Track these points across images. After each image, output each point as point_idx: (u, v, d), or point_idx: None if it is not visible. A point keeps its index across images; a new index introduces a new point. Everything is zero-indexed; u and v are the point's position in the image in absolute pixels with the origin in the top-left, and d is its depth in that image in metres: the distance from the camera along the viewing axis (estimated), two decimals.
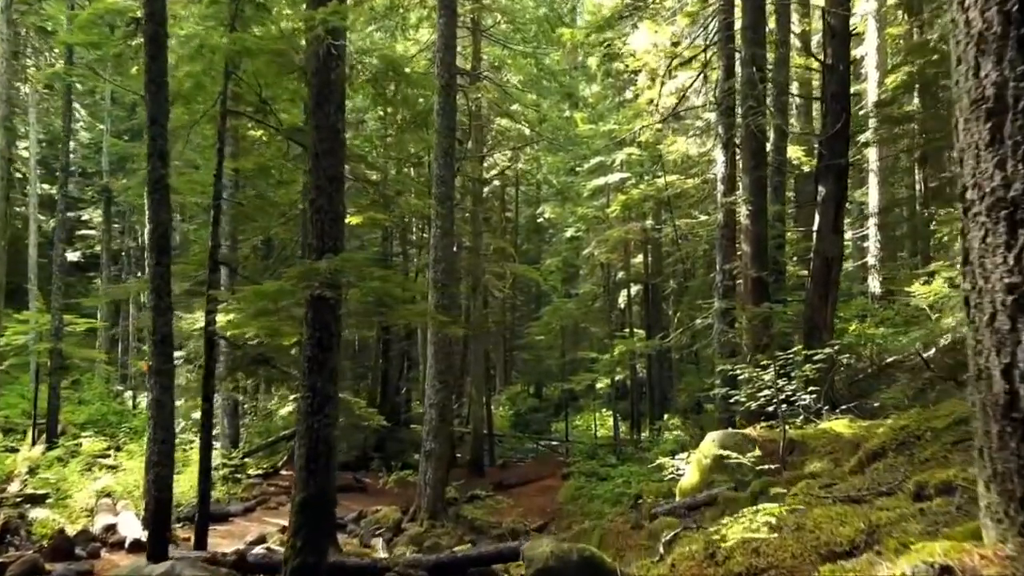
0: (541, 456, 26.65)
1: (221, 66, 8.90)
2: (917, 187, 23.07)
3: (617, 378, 25.56)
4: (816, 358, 8.19)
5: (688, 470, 8.75)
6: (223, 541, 11.79)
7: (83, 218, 32.74)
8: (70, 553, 9.84)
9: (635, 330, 27.29)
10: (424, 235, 24.28)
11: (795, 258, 18.61)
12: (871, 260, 21.80)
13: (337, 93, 6.94)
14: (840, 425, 8.28)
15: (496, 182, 29.50)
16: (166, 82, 8.24)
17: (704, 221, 20.32)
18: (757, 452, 8.06)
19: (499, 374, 39.55)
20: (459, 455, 23.74)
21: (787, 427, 8.41)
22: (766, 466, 7.86)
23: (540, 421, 31.63)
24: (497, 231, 30.88)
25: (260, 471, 17.30)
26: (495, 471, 21.55)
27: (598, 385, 26.47)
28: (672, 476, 9.52)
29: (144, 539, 10.86)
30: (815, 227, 12.23)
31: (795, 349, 7.99)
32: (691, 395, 18.21)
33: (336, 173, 6.90)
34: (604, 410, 29.84)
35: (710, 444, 8.41)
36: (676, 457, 9.62)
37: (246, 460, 18.46)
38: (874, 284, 22.56)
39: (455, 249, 22.18)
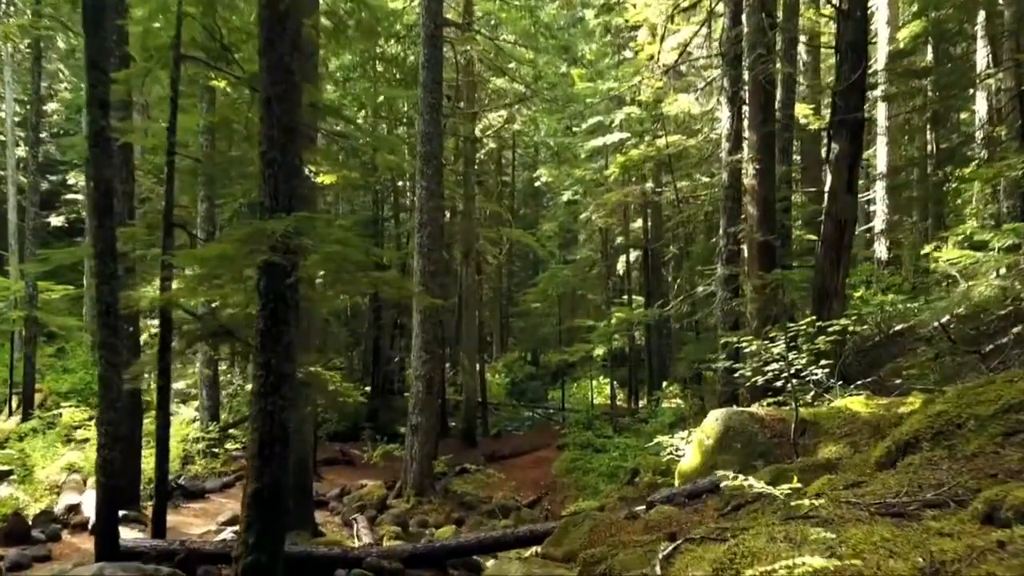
0: (537, 425, 26.10)
1: (174, 5, 7.98)
2: (929, 148, 22.12)
3: (615, 344, 24.85)
4: (831, 329, 7.41)
5: (688, 451, 8.03)
6: (196, 521, 11.16)
7: (68, 182, 31.73)
8: (26, 536, 9.18)
9: (634, 297, 26.57)
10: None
11: (799, 222, 17.77)
12: (879, 224, 20.95)
13: (291, 29, 6.06)
14: (856, 403, 7.54)
15: (492, 144, 28.52)
16: (106, 20, 7.34)
17: (707, 183, 19.45)
18: (765, 433, 7.35)
19: (496, 341, 38.94)
20: (453, 424, 23.19)
21: (798, 405, 7.68)
22: (777, 449, 7.15)
23: (536, 389, 31.04)
24: (493, 195, 30.03)
25: (242, 444, 16.64)
26: (488, 442, 20.98)
27: (596, 352, 25.80)
28: (671, 456, 8.82)
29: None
30: (827, 187, 11.38)
31: (808, 320, 7.21)
32: (691, 365, 17.52)
33: (291, 122, 6.05)
34: (602, 378, 29.20)
35: (713, 423, 7.68)
36: (675, 435, 8.90)
37: (230, 431, 17.85)
38: (881, 249, 21.74)
39: (445, 213, 21.36)
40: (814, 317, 7.62)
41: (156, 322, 11.37)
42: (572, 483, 15.60)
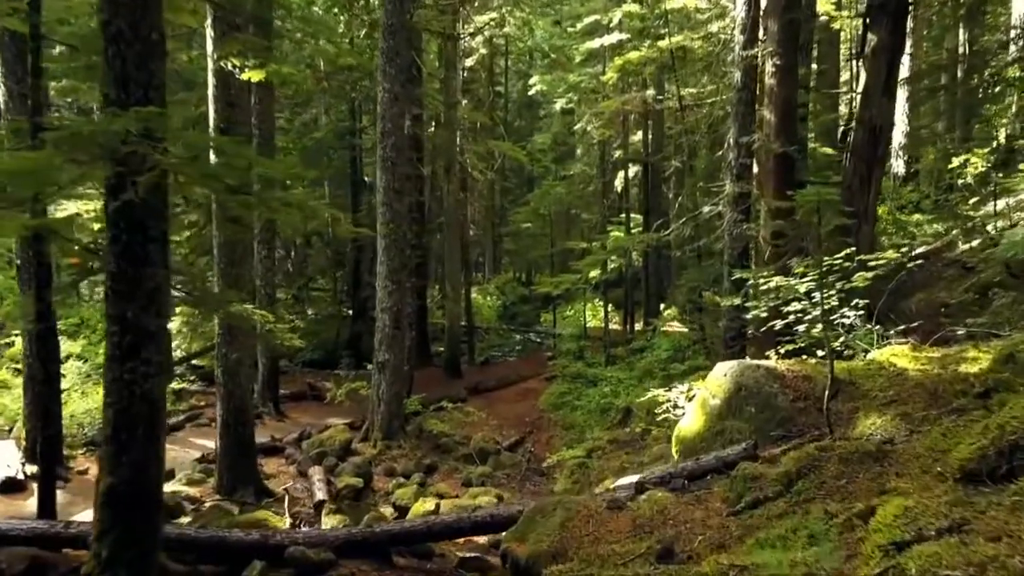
0: (527, 350, 24.87)
1: None
2: (961, 49, 19.93)
3: (611, 267, 23.28)
4: (875, 264, 5.81)
5: (690, 410, 6.59)
6: None
7: None
8: None
9: (632, 215, 24.82)
10: None
11: (813, 134, 15.90)
12: (898, 137, 19.04)
13: None
14: (900, 355, 6.04)
15: (482, 51, 26.18)
16: None
17: (713, 90, 17.43)
18: (786, 394, 5.87)
19: (488, 262, 37.45)
20: (442, 350, 21.88)
21: (833, 360, 6.20)
22: (802, 417, 5.69)
23: (528, 313, 29.69)
24: (485, 105, 27.85)
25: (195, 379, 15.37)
26: (474, 371, 19.71)
27: (591, 274, 24.27)
28: (666, 413, 7.39)
29: (21, 476, 8.93)
30: (860, 87, 9.59)
31: (847, 251, 5.63)
32: (691, 292, 16.04)
33: None
34: (596, 300, 27.81)
35: (720, 379, 6.21)
36: (673, 388, 7.43)
37: (193, 361, 16.53)
38: (899, 164, 19.92)
39: (429, 124, 19.35)
40: (852, 248, 6.01)
41: None
42: (559, 420, 14.37)
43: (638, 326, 22.70)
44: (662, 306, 23.80)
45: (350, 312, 24.15)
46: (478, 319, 27.28)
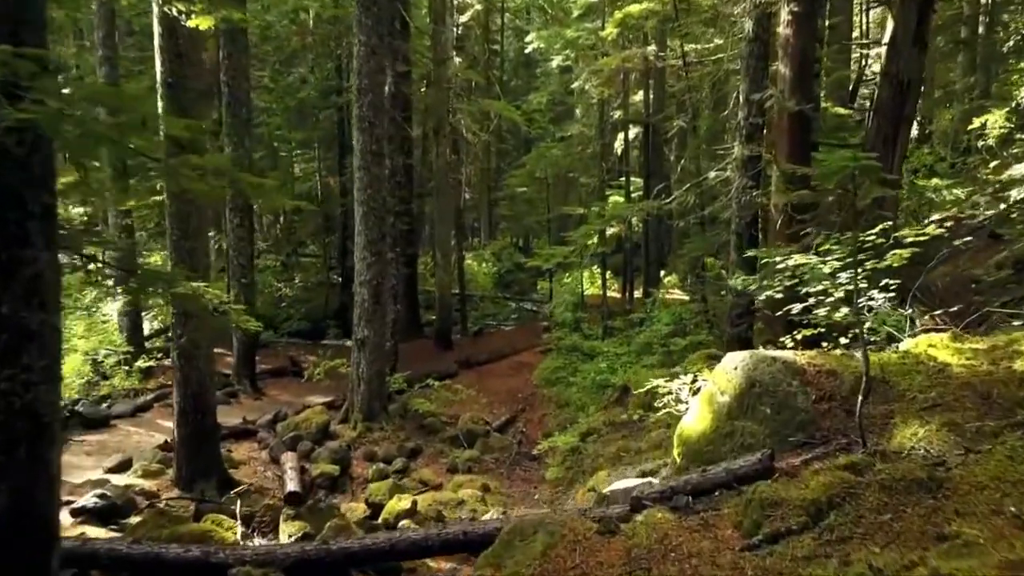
0: (524, 318, 24.10)
1: None
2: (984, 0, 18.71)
3: (610, 233, 22.36)
4: (908, 240, 4.95)
5: (694, 406, 5.78)
6: (85, 462, 9.12)
7: None
8: None
9: (632, 179, 23.82)
10: None
11: (824, 92, 14.86)
12: None
13: None
14: (939, 346, 5.21)
15: (477, 6, 24.92)
16: None
17: (719, 45, 16.32)
18: (807, 393, 5.06)
19: (484, 227, 36.44)
20: (432, 319, 21.08)
21: (868, 355, 5.39)
22: (826, 420, 4.88)
23: (525, 280, 28.80)
24: (481, 64, 26.64)
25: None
26: (466, 343, 18.93)
27: (588, 242, 23.34)
28: (667, 408, 6.58)
29: None
30: (885, 38, 8.61)
31: (883, 225, 4.77)
32: (694, 261, 15.19)
33: None
34: (594, 267, 26.97)
35: (731, 373, 5.39)
36: (675, 379, 6.60)
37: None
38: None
39: (421, 83, 18.22)
40: (888, 223, 5.14)
41: None
42: (553, 397, 13.63)
43: (637, 293, 21.89)
44: (662, 273, 22.95)
45: (339, 279, 23.29)
46: (473, 287, 26.44)
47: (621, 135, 22.92)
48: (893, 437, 4.32)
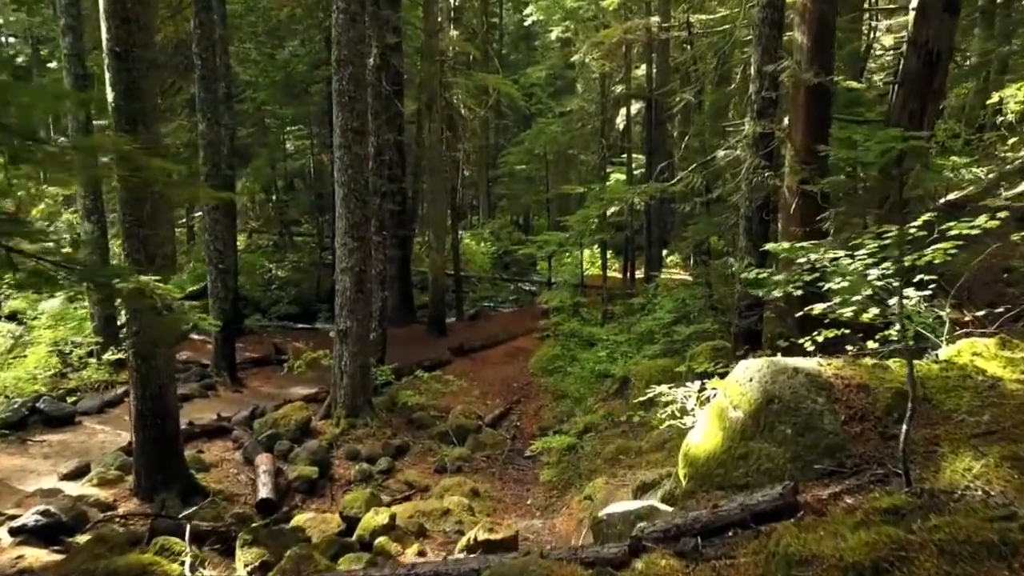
0: (522, 299, 23.42)
1: None
2: None
3: (611, 212, 21.60)
4: (952, 233, 4.21)
5: (703, 421, 5.09)
6: (41, 466, 8.46)
7: None
8: None
9: (634, 156, 22.98)
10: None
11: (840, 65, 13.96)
12: None
13: None
14: (985, 356, 4.51)
15: None
16: None
17: (726, 16, 15.44)
18: (835, 412, 4.36)
19: (483, 205, 35.61)
20: (426, 301, 20.38)
21: (913, 370, 4.70)
22: (857, 445, 4.19)
23: (523, 261, 28.05)
24: (478, 37, 25.72)
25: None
26: (461, 328, 18.27)
27: (586, 228, 22.50)
28: (670, 420, 5.88)
29: None
30: (913, 3, 7.80)
31: (927, 215, 4.05)
32: (697, 243, 14.46)
33: None
34: (595, 247, 26.20)
35: (745, 385, 4.69)
36: (679, 389, 5.89)
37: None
38: None
39: (397, 52, 17.26)
40: (932, 213, 4.40)
41: None
42: (550, 387, 12.98)
43: (639, 273, 21.18)
44: (664, 253, 22.18)
45: (332, 260, 22.58)
46: (470, 268, 25.72)
47: (623, 111, 22.09)
48: (941, 471, 3.63)
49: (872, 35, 18.84)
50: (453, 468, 9.54)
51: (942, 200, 11.85)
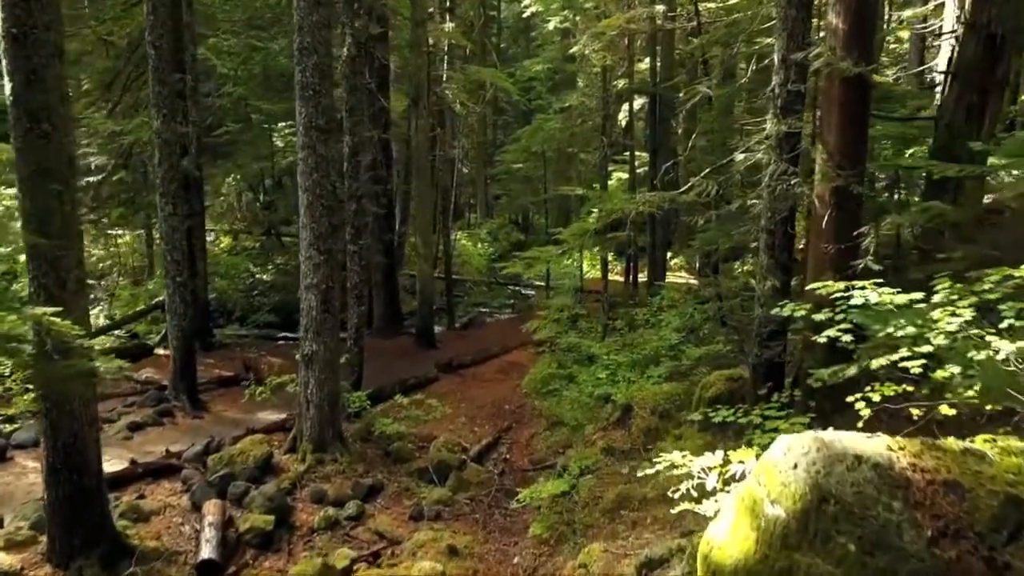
0: (519, 306, 22.22)
1: None
2: None
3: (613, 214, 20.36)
4: None
5: (729, 513, 3.90)
6: None
7: None
8: None
9: (637, 154, 21.77)
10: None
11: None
12: (941, 63, 15.82)
13: None
14: None
15: None
16: None
17: (737, 4, 14.21)
18: (917, 522, 3.17)
19: (480, 204, 34.41)
20: (413, 310, 19.21)
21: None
22: (953, 573, 3.00)
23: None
24: (476, 29, 24.56)
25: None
26: (452, 339, 17.10)
27: (581, 242, 21.25)
28: (684, 502, 4.69)
29: None
30: None
31: None
32: (706, 252, 13.26)
33: None
34: (595, 248, 24.97)
35: (787, 473, 3.50)
36: (696, 461, 4.70)
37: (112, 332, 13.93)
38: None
39: (383, 43, 15.99)
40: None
41: None
42: (545, 411, 11.79)
43: (642, 277, 19.99)
44: (669, 255, 21.00)
45: None
46: (466, 270, 24.56)
47: (625, 106, 20.88)
48: None
49: (887, 27, 17.66)
50: (431, 514, 8.37)
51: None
